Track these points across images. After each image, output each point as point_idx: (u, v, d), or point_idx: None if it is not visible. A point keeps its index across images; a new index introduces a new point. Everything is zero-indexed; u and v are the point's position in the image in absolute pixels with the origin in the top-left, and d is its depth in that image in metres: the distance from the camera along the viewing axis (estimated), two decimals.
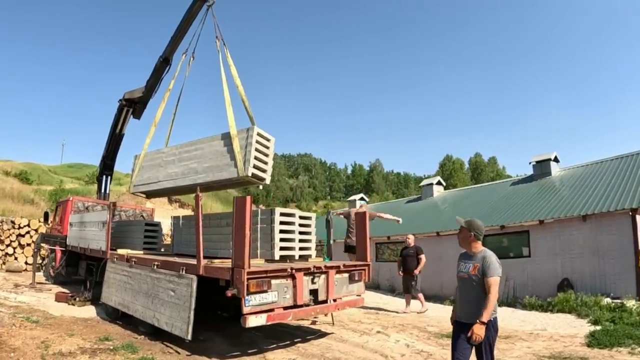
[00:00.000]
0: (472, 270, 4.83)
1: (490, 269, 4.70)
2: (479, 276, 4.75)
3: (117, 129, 15.33)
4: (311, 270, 8.27)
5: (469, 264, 4.92)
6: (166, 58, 13.15)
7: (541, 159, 21.20)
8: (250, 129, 9.50)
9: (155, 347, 8.28)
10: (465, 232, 5.06)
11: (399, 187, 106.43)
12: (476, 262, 4.84)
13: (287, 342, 8.93)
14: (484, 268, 4.73)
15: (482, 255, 4.87)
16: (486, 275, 4.70)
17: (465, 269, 4.94)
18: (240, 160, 9.22)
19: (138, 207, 18.95)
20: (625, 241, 13.18)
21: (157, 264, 8.98)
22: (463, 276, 4.96)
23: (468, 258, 5.02)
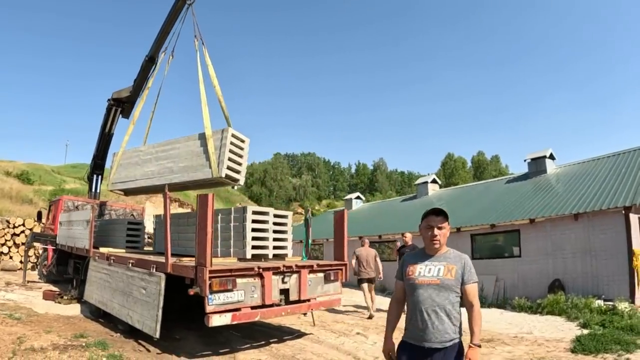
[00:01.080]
0: (445, 274, 3.57)
1: (472, 273, 3.62)
2: (455, 282, 3.54)
3: (106, 129, 15.34)
4: (281, 270, 8.14)
5: (438, 266, 3.63)
6: (152, 57, 13.13)
7: (536, 156, 20.92)
8: (225, 130, 9.48)
9: (128, 345, 8.25)
10: (447, 226, 3.70)
11: (402, 186, 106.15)
12: (450, 263, 3.61)
13: (262, 343, 8.84)
14: (463, 271, 3.58)
15: (455, 255, 3.69)
16: (467, 281, 3.55)
17: (432, 272, 3.62)
18: (214, 161, 9.22)
19: (129, 206, 19.02)
20: (618, 241, 12.87)
21: (132, 262, 8.95)
22: (427, 282, 3.55)
23: (431, 259, 3.69)
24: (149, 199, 30.93)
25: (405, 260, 3.81)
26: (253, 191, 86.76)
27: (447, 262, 3.56)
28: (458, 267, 3.54)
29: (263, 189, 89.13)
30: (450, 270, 3.51)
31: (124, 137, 12.09)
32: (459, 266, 3.55)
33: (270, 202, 79.88)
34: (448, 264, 3.55)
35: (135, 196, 29.90)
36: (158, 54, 12.91)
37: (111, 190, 12.20)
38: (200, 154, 9.60)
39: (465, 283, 3.50)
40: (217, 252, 8.83)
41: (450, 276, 3.48)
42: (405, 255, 3.98)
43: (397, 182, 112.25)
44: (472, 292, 3.51)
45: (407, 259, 3.80)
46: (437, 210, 3.65)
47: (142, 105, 12.39)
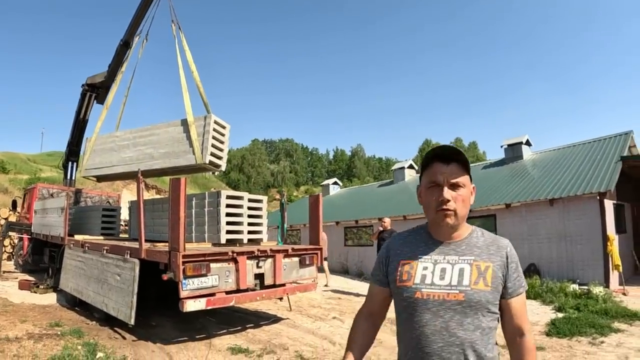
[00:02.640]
0: (473, 280, 1.91)
1: (520, 274, 2.02)
2: (492, 294, 1.92)
3: (81, 115, 15.13)
4: (255, 254, 8.11)
5: (458, 264, 1.96)
6: (126, 41, 12.96)
7: (513, 142, 21.04)
8: (208, 116, 9.48)
9: (103, 333, 8.24)
10: (469, 183, 2.01)
11: (380, 172, 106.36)
12: (480, 257, 1.97)
13: (238, 328, 8.86)
14: (507, 273, 1.97)
15: (488, 240, 2.05)
16: (512, 290, 1.97)
17: (448, 278, 1.94)
18: (197, 147, 9.22)
19: (105, 193, 18.84)
20: (593, 226, 13.03)
21: (106, 249, 8.88)
22: (440, 297, 1.91)
23: (443, 249, 2.02)
24: (126, 186, 30.71)
25: (392, 248, 2.14)
26: (231, 177, 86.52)
27: (474, 257, 1.94)
28: (496, 264, 1.93)
29: (241, 175, 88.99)
30: (483, 271, 1.90)
31: (97, 123, 11.99)
32: (499, 263, 1.94)
33: (249, 188, 79.56)
34: (477, 260, 1.93)
35: (112, 183, 29.71)
36: (133, 38, 12.78)
37: (84, 177, 12.07)
38: (182, 140, 9.58)
39: (510, 294, 1.94)
40: (191, 238, 8.79)
41: (483, 285, 1.88)
42: (391, 239, 2.22)
43: (375, 168, 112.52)
44: (521, 310, 1.96)
45: (395, 247, 2.13)
46: (448, 152, 1.96)
47: (116, 90, 12.30)
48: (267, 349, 7.33)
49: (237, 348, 7.34)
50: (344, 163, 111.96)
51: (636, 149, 17.54)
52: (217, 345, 7.62)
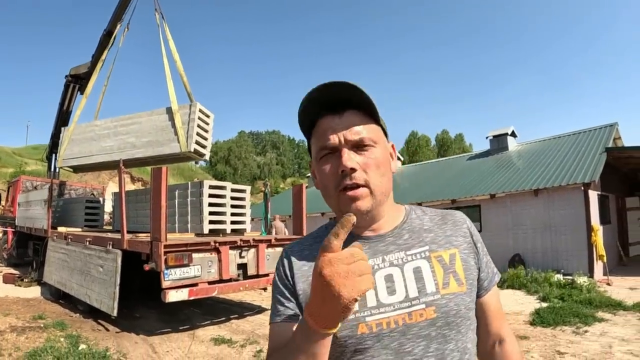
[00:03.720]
0: (443, 283, 1.23)
1: (488, 258, 1.40)
2: (470, 294, 1.27)
3: (64, 106, 14.99)
4: (238, 244, 8.10)
5: (412, 261, 1.26)
6: (110, 31, 12.86)
7: (498, 133, 21.15)
8: (193, 105, 9.43)
9: (87, 325, 8.25)
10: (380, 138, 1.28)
11: None
12: (438, 243, 1.30)
13: (222, 319, 8.87)
14: (478, 257, 1.34)
15: (435, 216, 1.40)
16: (490, 280, 1.37)
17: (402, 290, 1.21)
18: (182, 135, 9.16)
19: (89, 185, 18.74)
20: (577, 217, 13.13)
21: (89, 240, 8.84)
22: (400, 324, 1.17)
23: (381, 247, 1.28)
24: (112, 179, 30.53)
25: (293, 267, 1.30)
26: (217, 169, 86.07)
27: (429, 245, 1.30)
28: (463, 248, 1.32)
29: (227, 167, 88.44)
30: (449, 263, 1.28)
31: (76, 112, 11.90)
32: (465, 245, 1.33)
33: (235, 180, 78.85)
34: (435, 249, 1.29)
35: (98, 176, 29.56)
36: (115, 27, 12.70)
37: (62, 167, 11.92)
38: (166, 128, 9.50)
39: (485, 288, 1.35)
40: (174, 228, 8.77)
41: (456, 285, 1.24)
42: (285, 255, 1.35)
43: None
44: (497, 307, 1.40)
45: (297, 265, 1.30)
46: (336, 93, 1.22)
47: (96, 78, 12.23)
48: (251, 340, 7.33)
49: (221, 339, 7.34)
50: None
51: (621, 141, 17.73)
52: (200, 336, 7.62)
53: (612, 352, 6.23)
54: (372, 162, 1.22)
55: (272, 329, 1.27)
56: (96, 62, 12.98)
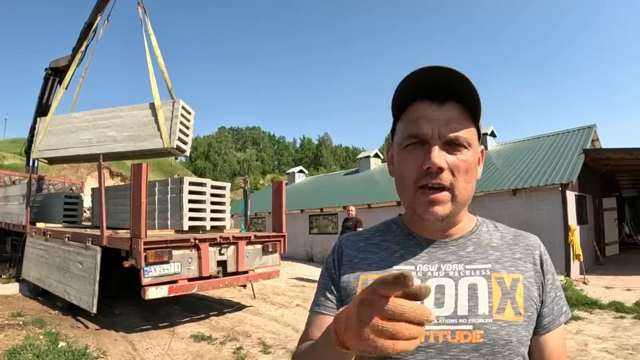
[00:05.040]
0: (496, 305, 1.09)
1: (560, 293, 1.22)
2: (526, 327, 1.10)
3: (44, 100, 14.87)
4: (218, 241, 8.12)
5: (470, 277, 1.13)
6: (91, 24, 12.78)
7: None
8: (176, 101, 9.41)
9: (66, 322, 8.23)
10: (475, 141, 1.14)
11: (347, 161, 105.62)
12: (501, 265, 1.16)
13: (202, 315, 8.88)
14: (542, 289, 1.17)
15: (508, 236, 1.28)
16: (550, 319, 1.16)
17: (452, 304, 1.09)
18: (165, 132, 9.13)
19: (68, 180, 18.54)
20: (555, 216, 13.30)
21: (68, 237, 8.78)
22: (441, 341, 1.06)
23: (436, 250, 1.19)
24: (90, 174, 30.27)
25: (345, 254, 1.27)
26: (197, 165, 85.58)
27: (492, 264, 1.16)
28: (528, 275, 1.16)
29: (207, 163, 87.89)
30: (510, 289, 1.12)
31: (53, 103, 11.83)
32: (531, 273, 1.17)
33: (215, 176, 78.41)
34: (497, 270, 1.15)
35: (77, 170, 29.29)
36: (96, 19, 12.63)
37: (36, 158, 11.79)
38: (148, 123, 9.45)
39: (545, 326, 1.16)
40: (154, 225, 8.74)
41: (513, 312, 1.09)
42: (343, 240, 1.33)
43: (342, 157, 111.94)
44: (557, 350, 1.17)
45: (351, 252, 1.26)
46: (444, 80, 1.06)
47: (75, 69, 12.14)
48: (230, 336, 7.36)
49: (200, 336, 7.35)
50: (310, 152, 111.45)
51: (599, 143, 18.00)
52: (180, 333, 7.62)
53: (588, 349, 6.35)
54: (463, 165, 1.09)
55: (309, 318, 1.26)
56: (76, 53, 12.89)
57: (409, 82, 1.09)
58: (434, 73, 1.06)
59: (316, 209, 21.62)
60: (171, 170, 53.82)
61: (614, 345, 6.45)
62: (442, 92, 1.08)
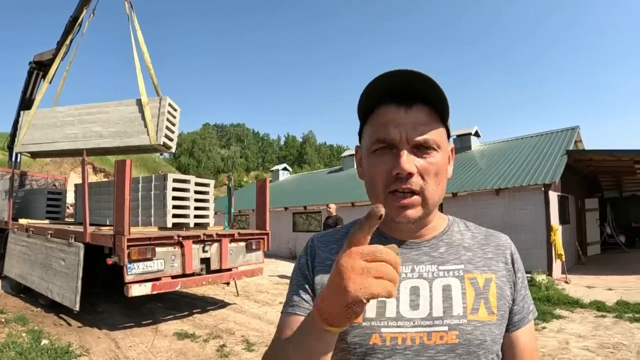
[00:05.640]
0: (472, 308, 1.11)
1: (527, 291, 1.25)
2: (499, 326, 1.13)
3: (27, 94, 14.74)
4: (201, 238, 8.10)
5: (443, 277, 1.15)
6: (76, 17, 12.69)
7: (462, 132, 21.38)
8: (163, 98, 9.42)
9: (48, 320, 8.17)
10: (444, 142, 1.14)
11: (331, 159, 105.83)
12: (474, 265, 1.18)
13: (185, 313, 8.86)
14: (514, 287, 1.20)
15: (478, 234, 1.27)
16: (524, 314, 1.22)
17: (427, 305, 1.11)
18: (152, 128, 9.15)
19: (50, 175, 18.36)
20: (537, 216, 13.40)
21: (50, 233, 8.72)
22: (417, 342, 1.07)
23: (414, 256, 1.18)
24: (74, 169, 30.04)
25: (318, 255, 1.26)
26: (181, 162, 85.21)
27: (465, 264, 1.17)
28: (501, 275, 1.19)
29: (191, 159, 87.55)
30: (483, 289, 1.15)
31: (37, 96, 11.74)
32: (503, 272, 1.20)
33: (199, 172, 78.06)
34: (470, 270, 1.17)
35: (60, 166, 29.05)
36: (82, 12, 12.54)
37: (19, 152, 11.66)
38: (134, 120, 9.45)
39: (516, 323, 1.20)
40: (137, 222, 8.73)
41: (486, 312, 1.12)
42: (315, 240, 1.33)
43: (326, 155, 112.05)
44: (528, 347, 1.21)
45: (324, 254, 1.26)
46: (410, 83, 1.07)
47: (59, 63, 12.06)
48: (214, 334, 7.36)
49: (184, 333, 7.35)
50: (294, 149, 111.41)
51: (582, 144, 18.18)
52: (163, 331, 7.61)
53: (569, 348, 6.42)
54: (432, 169, 1.10)
55: (281, 319, 1.21)
56: (60, 47, 12.79)
57: (374, 86, 1.09)
58: (400, 77, 1.06)
59: (300, 206, 21.65)
60: (155, 167, 53.52)
61: (595, 344, 6.53)
62: (409, 95, 1.09)
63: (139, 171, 41.20)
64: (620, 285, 10.95)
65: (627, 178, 19.29)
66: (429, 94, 1.08)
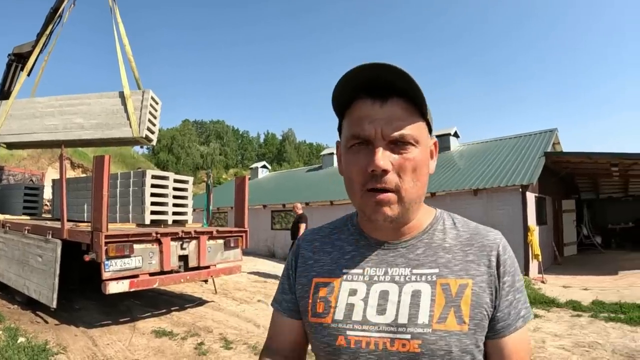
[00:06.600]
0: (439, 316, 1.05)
1: (521, 295, 1.14)
2: (472, 336, 1.05)
3: (5, 86, 14.57)
4: (179, 235, 8.09)
5: (414, 282, 1.10)
6: (56, 8, 12.57)
7: (441, 133, 21.40)
8: (146, 91, 9.48)
9: (25, 317, 8.08)
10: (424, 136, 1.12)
11: (310, 158, 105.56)
12: (449, 268, 1.11)
13: (163, 311, 8.82)
14: (496, 292, 1.10)
15: (463, 233, 1.19)
16: (510, 322, 1.11)
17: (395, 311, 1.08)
18: (134, 121, 9.20)
19: (28, 170, 18.15)
20: (515, 217, 13.53)
21: (27, 229, 8.62)
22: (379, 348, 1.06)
23: (385, 253, 1.17)
24: (51, 165, 29.69)
25: (302, 255, 1.31)
26: (160, 158, 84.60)
27: (440, 269, 1.11)
28: (480, 280, 1.10)
29: (170, 155, 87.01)
30: (455, 296, 1.07)
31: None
32: (484, 277, 1.11)
33: (178, 169, 77.58)
34: (444, 275, 1.10)
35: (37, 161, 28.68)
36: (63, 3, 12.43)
37: None
38: (117, 112, 9.46)
39: (499, 330, 1.10)
40: (115, 218, 8.68)
41: (455, 321, 1.05)
42: (301, 239, 1.36)
43: (305, 153, 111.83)
44: (518, 353, 1.11)
45: (307, 253, 1.30)
46: (383, 77, 1.04)
47: (38, 53, 11.92)
48: (192, 332, 7.34)
49: (161, 331, 7.32)
50: (274, 147, 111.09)
51: (560, 146, 18.43)
52: (141, 329, 7.57)
53: (545, 346, 6.50)
54: (409, 165, 1.06)
55: (272, 315, 1.34)
56: (40, 38, 12.68)
57: (348, 80, 1.07)
58: (372, 70, 1.04)
59: (278, 204, 21.60)
60: (134, 162, 53.10)
61: (570, 343, 6.62)
62: (383, 89, 1.06)
63: (117, 167, 40.83)
64: (596, 285, 11.10)
65: (604, 180, 19.56)
66: (402, 86, 1.05)
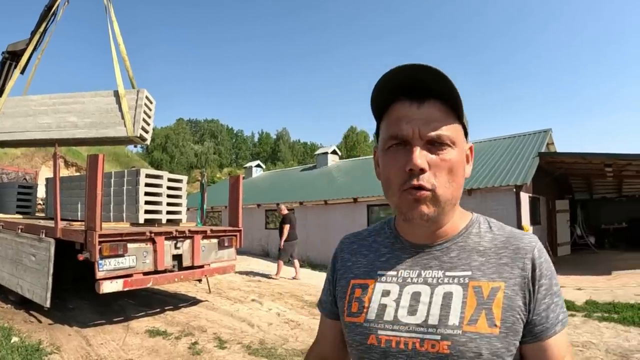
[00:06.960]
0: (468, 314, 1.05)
1: (558, 299, 1.11)
2: (503, 340, 1.04)
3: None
4: (173, 235, 8.08)
5: (442, 287, 1.11)
6: (50, 6, 12.54)
7: None
8: (140, 91, 9.40)
9: (18, 317, 8.07)
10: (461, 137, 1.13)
11: (304, 157, 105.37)
12: (482, 272, 1.11)
13: (157, 310, 8.82)
14: (530, 297, 1.09)
15: (497, 238, 1.17)
16: (548, 326, 1.08)
17: (424, 312, 1.09)
18: (129, 120, 9.11)
19: (21, 169, 18.07)
20: (509, 217, 13.47)
21: (21, 228, 8.59)
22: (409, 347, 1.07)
23: (419, 257, 1.18)
24: (45, 163, 29.61)
25: (340, 257, 1.35)
26: (154, 157, 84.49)
27: (472, 271, 1.11)
28: (512, 283, 1.08)
29: (164, 154, 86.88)
30: (487, 299, 1.07)
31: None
32: (517, 280, 1.09)
33: (172, 168, 77.42)
34: (477, 277, 1.10)
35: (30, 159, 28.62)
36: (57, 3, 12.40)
37: None
38: (111, 111, 9.37)
39: (537, 335, 1.08)
40: (109, 217, 8.64)
41: (486, 324, 1.04)
42: (342, 242, 1.40)
43: (300, 152, 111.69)
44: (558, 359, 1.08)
45: (346, 255, 1.34)
46: (420, 78, 1.06)
47: (32, 50, 11.88)
48: (186, 331, 7.35)
49: (155, 330, 7.32)
50: (268, 146, 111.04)
51: (554, 146, 18.50)
52: (135, 328, 7.56)
53: None
54: (445, 165, 1.07)
55: (320, 317, 1.44)
56: (33, 36, 12.65)
57: (385, 82, 1.09)
58: (410, 71, 1.06)
59: (272, 203, 21.44)
60: (128, 161, 53.04)
61: None
62: (421, 90, 1.08)
63: (111, 165, 40.76)
64: (589, 285, 11.16)
65: (598, 180, 19.69)
66: (439, 88, 1.07)
